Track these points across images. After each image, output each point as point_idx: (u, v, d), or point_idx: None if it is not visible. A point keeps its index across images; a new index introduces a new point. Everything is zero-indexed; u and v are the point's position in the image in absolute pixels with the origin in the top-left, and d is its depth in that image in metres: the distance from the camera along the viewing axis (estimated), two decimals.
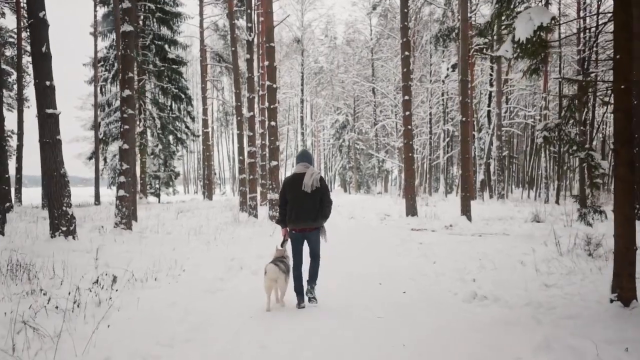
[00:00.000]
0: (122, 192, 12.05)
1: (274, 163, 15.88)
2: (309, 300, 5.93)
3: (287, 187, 5.89)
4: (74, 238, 9.88)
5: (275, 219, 15.75)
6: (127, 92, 12.20)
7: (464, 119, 16.95)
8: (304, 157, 5.99)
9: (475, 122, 31.96)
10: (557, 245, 9.15)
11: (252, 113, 18.18)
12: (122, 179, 12.11)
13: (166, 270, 7.53)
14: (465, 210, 16.23)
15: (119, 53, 12.61)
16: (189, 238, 11.50)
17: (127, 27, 12.16)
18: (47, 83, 9.64)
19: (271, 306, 5.69)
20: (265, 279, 5.60)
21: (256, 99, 28.85)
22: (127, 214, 12.07)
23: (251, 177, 17.66)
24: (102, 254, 8.71)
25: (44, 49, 9.61)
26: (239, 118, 19.47)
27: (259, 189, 25.11)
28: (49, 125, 9.65)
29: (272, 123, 15.81)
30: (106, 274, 6.09)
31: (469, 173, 17.21)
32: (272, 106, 15.73)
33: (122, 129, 12.25)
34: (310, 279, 5.99)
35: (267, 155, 16.97)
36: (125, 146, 12.14)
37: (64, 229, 9.75)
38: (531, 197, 37.88)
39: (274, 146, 15.93)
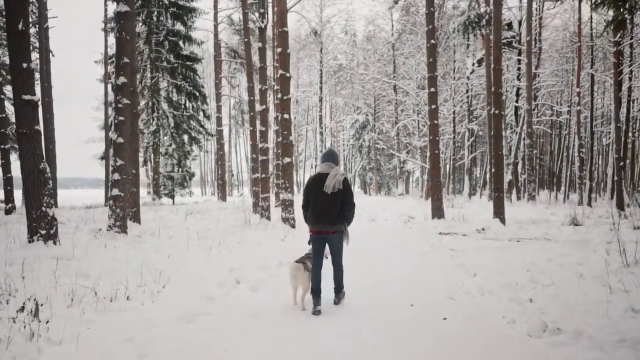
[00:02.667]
0: (116, 191, 10.76)
1: (287, 160, 14.44)
2: (334, 303, 5.77)
3: (310, 186, 5.79)
4: (54, 243, 8.58)
5: (286, 219, 14.64)
6: (122, 79, 10.91)
7: (496, 111, 15.34)
8: (329, 157, 5.84)
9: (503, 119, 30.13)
10: (621, 254, 7.60)
11: (264, 106, 16.79)
12: (116, 176, 10.80)
13: (149, 283, 6.19)
14: (499, 213, 14.68)
15: (115, 36, 11.34)
16: (190, 243, 10.17)
17: (122, 7, 10.89)
18: (24, 65, 8.37)
19: (298, 301, 5.66)
20: (289, 275, 5.68)
21: (271, 95, 27.56)
22: (121, 216, 10.77)
23: (263, 175, 16.28)
24: (83, 263, 7.52)
25: (20, 26, 8.37)
26: (251, 113, 18.09)
27: (272, 189, 23.77)
28: (25, 114, 8.38)
29: (285, 116, 14.36)
30: (34, 298, 4.52)
31: (501, 172, 15.57)
32: (285, 97, 14.29)
33: (116, 121, 10.95)
34: (335, 289, 5.84)
35: (280, 151, 15.55)
36: (120, 140, 10.83)
37: (43, 232, 8.46)
38: (559, 198, 35.87)
39: (287, 141, 14.48)
